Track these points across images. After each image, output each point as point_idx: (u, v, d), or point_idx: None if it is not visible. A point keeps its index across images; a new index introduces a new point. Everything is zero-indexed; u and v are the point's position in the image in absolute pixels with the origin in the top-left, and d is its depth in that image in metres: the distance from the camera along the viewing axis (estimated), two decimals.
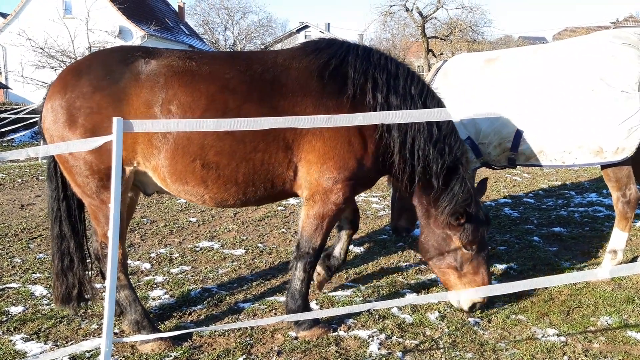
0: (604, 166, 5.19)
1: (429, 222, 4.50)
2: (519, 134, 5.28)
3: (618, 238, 5.30)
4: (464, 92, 5.60)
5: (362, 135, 4.09)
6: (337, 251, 5.02)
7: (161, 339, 4.09)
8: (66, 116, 3.93)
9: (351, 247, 6.33)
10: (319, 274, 4.99)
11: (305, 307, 4.34)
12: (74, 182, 4.12)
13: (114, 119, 2.78)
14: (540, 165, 5.38)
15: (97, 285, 4.79)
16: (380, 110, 4.06)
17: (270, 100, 4.01)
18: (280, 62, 4.19)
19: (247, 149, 3.96)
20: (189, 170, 3.96)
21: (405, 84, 4.22)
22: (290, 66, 4.16)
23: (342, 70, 4.15)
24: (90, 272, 4.61)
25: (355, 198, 4.94)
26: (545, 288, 5.03)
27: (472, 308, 4.55)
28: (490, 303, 4.78)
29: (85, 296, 4.55)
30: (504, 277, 5.49)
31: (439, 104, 4.37)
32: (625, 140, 4.87)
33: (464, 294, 4.39)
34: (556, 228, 7.17)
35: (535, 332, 4.32)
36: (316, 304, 4.89)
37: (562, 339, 4.19)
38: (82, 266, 4.48)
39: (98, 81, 3.94)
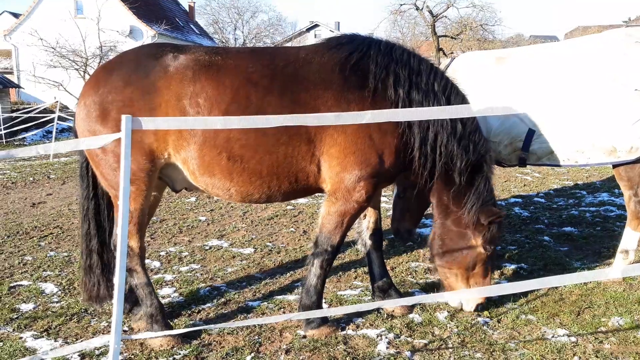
0: (616, 165, 5.14)
1: (447, 219, 4.43)
2: (530, 133, 5.23)
3: (630, 238, 5.24)
4: (474, 90, 5.56)
5: (383, 130, 4.05)
6: (378, 274, 4.81)
7: (171, 335, 4.11)
8: (99, 111, 4.01)
9: (358, 245, 6.31)
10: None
11: (319, 304, 4.33)
12: (103, 176, 4.18)
13: (123, 117, 2.78)
14: (552, 165, 5.33)
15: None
16: (401, 106, 4.05)
17: (292, 93, 4.02)
18: (303, 57, 4.21)
19: (270, 142, 3.98)
20: (216, 162, 4.00)
21: (428, 80, 4.19)
22: (312, 60, 4.18)
23: (364, 65, 4.13)
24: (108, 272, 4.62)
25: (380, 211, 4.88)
26: (556, 288, 4.99)
27: (476, 308, 4.52)
28: (499, 303, 4.76)
29: (102, 295, 4.55)
30: (514, 276, 5.46)
31: (463, 100, 4.31)
32: (639, 140, 4.83)
33: (473, 293, 4.37)
34: (567, 228, 7.12)
35: (545, 332, 4.29)
36: (324, 302, 4.88)
37: (573, 339, 4.15)
38: (101, 265, 4.51)
39: (129, 75, 4.03)
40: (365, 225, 4.82)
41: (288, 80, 4.06)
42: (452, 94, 4.26)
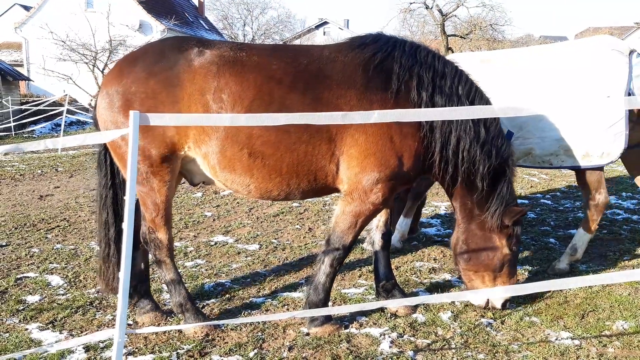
0: (577, 170, 5.35)
1: (471, 223, 4.42)
2: (509, 135, 5.36)
3: (581, 238, 5.50)
4: None
5: (404, 133, 4.05)
6: (383, 274, 4.81)
7: (204, 324, 4.21)
8: (122, 101, 4.03)
9: (364, 244, 6.32)
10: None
11: (326, 303, 4.34)
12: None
13: (131, 112, 2.80)
14: (527, 166, 5.55)
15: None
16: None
17: (315, 91, 4.03)
18: (326, 55, 4.21)
19: (291, 139, 3.99)
20: (237, 158, 4.02)
21: (452, 84, 4.17)
22: (335, 59, 4.18)
23: (388, 65, 4.12)
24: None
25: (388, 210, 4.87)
26: (560, 291, 4.97)
27: (504, 305, 4.53)
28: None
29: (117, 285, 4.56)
30: (519, 278, 5.44)
31: (487, 104, 4.29)
32: (611, 145, 4.98)
33: (486, 293, 4.38)
34: (573, 230, 7.07)
35: (548, 334, 4.28)
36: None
37: (576, 342, 4.15)
38: (117, 254, 4.51)
39: (152, 67, 4.05)
40: (375, 223, 4.82)
41: (311, 78, 4.07)
42: (476, 98, 4.23)
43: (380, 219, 4.78)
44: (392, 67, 4.11)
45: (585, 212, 5.45)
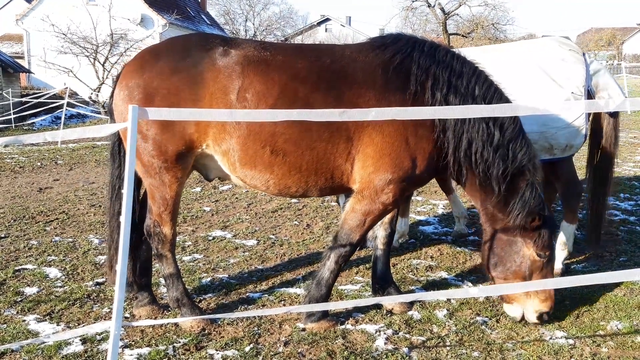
0: (549, 163, 5.44)
1: (496, 227, 4.32)
2: None
3: (566, 230, 5.56)
4: None
5: (419, 136, 4.07)
6: (381, 271, 4.81)
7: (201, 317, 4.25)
8: (142, 95, 4.03)
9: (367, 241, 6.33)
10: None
11: (327, 298, 4.37)
12: (140, 161, 4.18)
13: (130, 107, 2.81)
14: None
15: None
16: None
17: (337, 90, 4.06)
18: (348, 55, 4.25)
19: (312, 137, 4.02)
20: (259, 155, 4.05)
21: (469, 84, 4.14)
22: (357, 59, 4.21)
23: (406, 66, 4.14)
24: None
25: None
26: (556, 290, 4.98)
27: (540, 318, 4.32)
28: (498, 303, 4.77)
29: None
30: None
31: None
32: (574, 139, 5.18)
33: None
34: None
35: (543, 333, 4.30)
36: None
37: (571, 341, 4.17)
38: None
39: (176, 63, 4.05)
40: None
41: (334, 78, 4.10)
42: (494, 99, 4.16)
43: (386, 217, 4.79)
44: (411, 68, 4.13)
45: (563, 204, 5.60)
